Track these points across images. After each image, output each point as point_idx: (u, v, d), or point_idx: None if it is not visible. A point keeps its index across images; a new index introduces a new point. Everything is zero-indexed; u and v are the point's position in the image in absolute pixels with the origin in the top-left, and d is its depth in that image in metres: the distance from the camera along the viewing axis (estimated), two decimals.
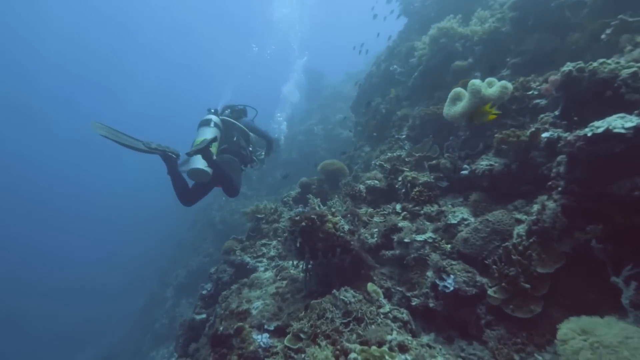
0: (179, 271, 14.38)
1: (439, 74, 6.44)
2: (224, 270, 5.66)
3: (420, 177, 4.26)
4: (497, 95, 3.81)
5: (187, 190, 4.71)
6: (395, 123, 7.17)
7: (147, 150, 4.14)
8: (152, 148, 4.21)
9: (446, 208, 3.76)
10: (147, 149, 4.17)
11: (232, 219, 13.45)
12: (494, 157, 3.59)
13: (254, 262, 5.41)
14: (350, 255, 3.57)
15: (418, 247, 3.51)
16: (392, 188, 4.76)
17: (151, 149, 4.21)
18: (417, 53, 6.84)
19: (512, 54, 5.53)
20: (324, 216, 3.69)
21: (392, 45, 9.02)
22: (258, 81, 38.04)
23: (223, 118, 4.91)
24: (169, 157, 4.38)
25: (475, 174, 3.55)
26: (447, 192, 4.12)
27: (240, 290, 4.69)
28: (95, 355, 17.10)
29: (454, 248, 3.13)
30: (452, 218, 3.47)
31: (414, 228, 3.72)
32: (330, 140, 14.22)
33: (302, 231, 3.62)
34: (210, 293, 5.63)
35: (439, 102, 6.15)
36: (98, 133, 3.83)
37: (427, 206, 3.91)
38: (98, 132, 3.83)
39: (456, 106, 4.08)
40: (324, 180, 6.91)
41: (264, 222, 6.18)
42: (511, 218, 2.95)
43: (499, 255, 2.77)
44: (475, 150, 3.85)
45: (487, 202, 3.39)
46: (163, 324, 12.89)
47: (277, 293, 4.06)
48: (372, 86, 9.32)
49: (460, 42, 6.27)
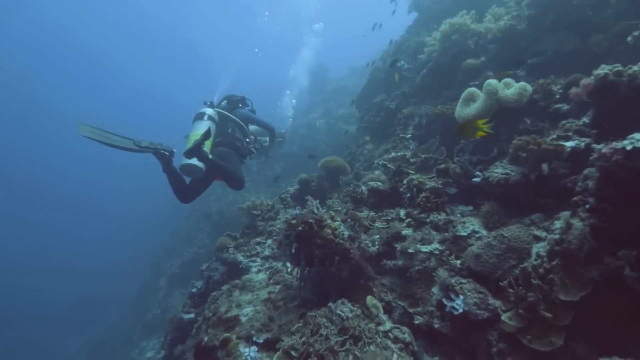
0: (173, 261, 14.13)
1: (449, 72, 6.10)
2: (215, 268, 5.37)
3: (427, 182, 3.95)
4: (515, 97, 3.50)
5: (185, 187, 4.52)
6: (400, 121, 6.84)
7: (138, 150, 3.98)
8: (143, 147, 4.00)
9: (455, 217, 3.46)
10: (137, 148, 3.97)
11: (229, 210, 13.14)
12: (510, 164, 3.28)
13: (247, 262, 5.12)
14: (349, 265, 3.27)
15: (423, 258, 3.21)
16: (396, 191, 4.46)
17: (142, 147, 3.99)
18: (427, 49, 6.49)
19: (528, 54, 5.19)
20: (323, 221, 3.38)
21: (400, 40, 8.64)
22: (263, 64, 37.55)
23: (218, 110, 4.68)
24: (162, 155, 4.17)
25: (489, 182, 3.24)
26: (456, 200, 3.81)
27: (231, 292, 4.40)
28: (86, 340, 16.92)
29: (463, 264, 2.83)
30: (461, 229, 3.16)
31: (418, 237, 3.42)
32: (332, 135, 13.88)
33: (299, 236, 3.31)
34: (201, 291, 5.35)
35: (448, 102, 5.82)
36: (82, 135, 3.61)
37: (434, 214, 3.60)
38: (82, 134, 3.61)
39: (469, 107, 3.76)
40: (324, 177, 6.60)
41: (259, 219, 5.88)
42: (529, 234, 2.65)
43: (516, 277, 2.47)
44: (489, 156, 3.54)
45: (500, 213, 3.08)
46: (155, 314, 12.67)
47: (269, 299, 3.77)
48: (378, 81, 8.96)
49: (472, 40, 5.92)
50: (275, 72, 28.01)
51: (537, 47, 5.11)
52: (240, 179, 4.46)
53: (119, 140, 3.86)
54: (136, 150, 3.99)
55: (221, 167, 4.24)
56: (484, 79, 5.54)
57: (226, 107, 5.03)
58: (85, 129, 3.64)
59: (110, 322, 17.66)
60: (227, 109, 4.98)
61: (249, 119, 5.05)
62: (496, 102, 3.54)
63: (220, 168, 4.24)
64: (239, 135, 4.77)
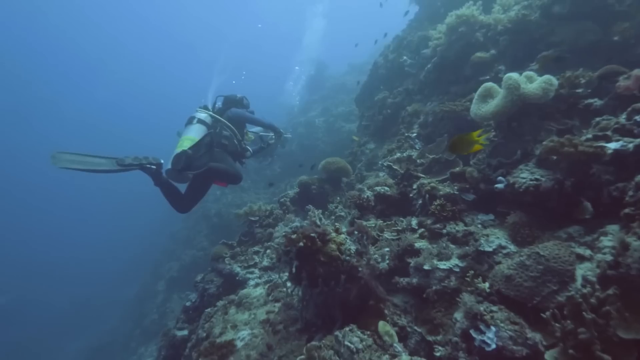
0: (172, 264, 13.71)
1: (457, 67, 5.66)
2: (210, 280, 4.95)
3: (440, 187, 3.52)
4: (540, 92, 3.06)
5: (180, 196, 4.29)
6: (404, 119, 6.41)
7: (122, 169, 3.71)
8: (127, 164, 3.71)
9: (475, 229, 3.03)
10: (121, 167, 3.68)
11: (227, 212, 12.72)
12: (538, 168, 2.85)
13: (244, 273, 4.70)
14: (357, 285, 2.85)
15: (441, 277, 2.79)
16: (405, 197, 4.03)
17: (126, 165, 3.70)
18: (432, 43, 6.04)
19: (542, 45, 4.76)
20: (327, 234, 2.96)
21: (402, 34, 8.19)
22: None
23: (209, 113, 4.52)
24: (149, 169, 3.90)
25: (515, 189, 2.81)
26: (473, 207, 3.39)
27: (227, 310, 3.99)
28: (85, 344, 16.53)
29: (492, 287, 2.40)
30: (485, 244, 2.74)
31: (434, 251, 3.00)
32: (331, 134, 13.43)
33: (300, 253, 2.89)
34: (195, 305, 4.93)
35: (456, 98, 5.40)
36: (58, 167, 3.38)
37: (451, 224, 3.18)
38: (58, 166, 3.39)
39: (487, 104, 3.33)
40: (325, 180, 6.17)
41: (257, 226, 5.45)
42: (570, 253, 2.23)
43: (559, 305, 2.05)
44: (511, 159, 3.11)
45: (530, 226, 2.66)
46: (153, 320, 12.25)
47: (268, 321, 3.35)
48: (379, 78, 8.51)
49: (481, 32, 5.48)
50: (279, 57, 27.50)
51: (553, 38, 4.68)
52: (234, 175, 4.32)
53: (99, 163, 3.62)
54: (120, 169, 3.69)
55: (213, 170, 4.06)
56: (494, 73, 5.12)
57: (220, 108, 4.86)
58: (61, 159, 3.42)
59: (109, 325, 17.28)
60: (220, 110, 4.79)
61: (244, 119, 4.81)
62: (518, 98, 3.11)
63: (212, 171, 4.06)
64: (227, 133, 4.55)
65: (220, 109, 4.87)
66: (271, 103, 23.12)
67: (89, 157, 3.63)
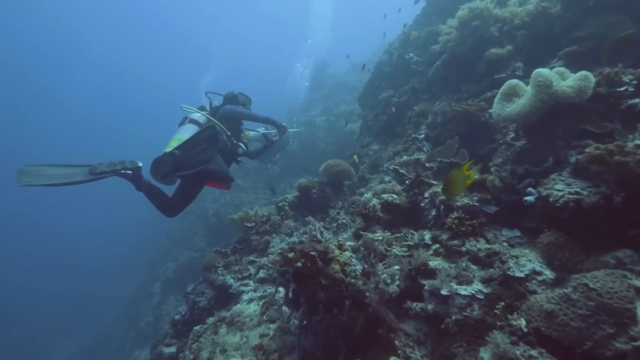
0: (168, 264, 13.29)
1: (469, 64, 5.22)
2: (202, 292, 4.54)
3: (456, 198, 3.10)
4: (576, 90, 2.63)
5: (168, 200, 3.92)
6: (411, 119, 5.98)
7: (94, 178, 3.41)
8: (99, 172, 3.40)
9: (500, 247, 2.61)
10: (94, 176, 3.38)
11: (226, 212, 12.28)
12: (575, 179, 2.43)
13: (237, 286, 4.28)
14: (364, 313, 2.43)
15: (462, 305, 2.37)
16: (415, 206, 3.61)
17: (97, 173, 3.40)
18: (442, 38, 5.60)
19: (566, 41, 4.33)
20: (329, 252, 2.54)
21: (408, 30, 7.75)
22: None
23: (201, 113, 4.32)
24: (125, 175, 3.61)
25: (549, 204, 2.39)
26: (494, 221, 2.96)
27: (217, 329, 3.58)
28: (81, 344, 16.16)
29: (529, 323, 1.98)
30: (515, 267, 2.31)
31: (452, 273, 2.58)
32: (332, 133, 12.98)
33: (297, 274, 2.48)
34: (185, 319, 4.52)
35: (468, 97, 4.97)
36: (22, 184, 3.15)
37: (471, 240, 2.76)
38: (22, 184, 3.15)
39: (513, 104, 2.90)
40: (326, 183, 5.76)
41: (253, 233, 5.04)
42: (629, 287, 1.81)
43: (618, 353, 1.64)
44: (541, 167, 2.68)
45: (570, 248, 2.23)
46: (148, 322, 11.85)
47: (261, 347, 2.94)
48: (383, 76, 8.07)
49: (496, 26, 5.04)
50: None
51: (577, 32, 4.24)
52: (220, 176, 3.97)
53: (68, 175, 3.33)
54: (92, 179, 3.39)
55: (202, 174, 3.74)
56: (511, 70, 4.69)
57: (215, 107, 4.65)
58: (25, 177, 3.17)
59: (104, 324, 16.88)
60: (215, 108, 4.59)
61: (237, 115, 4.47)
62: (549, 97, 2.68)
63: (201, 174, 3.73)
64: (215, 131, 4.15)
65: (215, 108, 4.61)
66: (275, 100, 22.76)
67: (58, 167, 3.36)
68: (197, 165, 3.49)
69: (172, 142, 3.87)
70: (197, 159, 3.52)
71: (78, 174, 3.36)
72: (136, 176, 3.62)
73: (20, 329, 20.12)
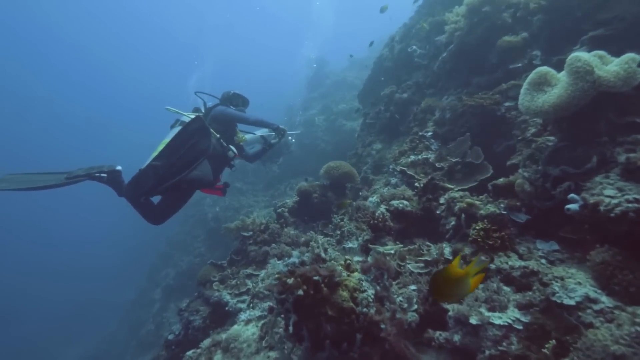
0: (168, 270, 12.91)
1: (479, 54, 4.79)
2: (196, 309, 4.13)
3: (479, 204, 2.68)
4: (622, 77, 2.21)
5: (153, 209, 3.61)
6: (416, 116, 5.55)
7: (69, 182, 3.31)
8: (73, 177, 3.28)
9: (538, 265, 2.19)
10: (68, 180, 3.28)
11: (225, 216, 11.88)
12: (628, 182, 2.00)
13: (234, 303, 3.87)
14: (380, 349, 2.02)
15: (497, 337, 1.96)
16: (429, 213, 3.19)
17: (72, 178, 3.28)
18: (448, 27, 5.16)
19: (590, 25, 3.89)
20: (334, 276, 2.12)
21: (410, 22, 7.31)
22: None
23: (188, 114, 4.01)
24: (100, 178, 3.39)
25: (599, 213, 1.96)
26: (525, 231, 2.54)
27: (211, 355, 3.18)
28: (84, 352, 15.81)
29: None
30: (562, 292, 1.89)
31: (482, 296, 2.16)
32: (332, 132, 12.54)
33: (299, 304, 2.06)
34: (179, 339, 4.12)
35: (479, 90, 4.54)
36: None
37: (501, 256, 2.34)
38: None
39: (546, 95, 2.47)
40: (328, 186, 5.33)
41: (251, 243, 4.62)
42: None
43: None
44: (582, 168, 2.26)
45: (630, 268, 1.81)
46: (149, 330, 11.47)
47: None
48: (384, 71, 7.64)
49: (509, 12, 4.61)
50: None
51: (603, 14, 3.80)
52: (201, 182, 3.57)
53: (44, 180, 3.24)
54: (67, 183, 3.29)
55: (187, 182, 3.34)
56: (527, 59, 4.26)
57: (209, 107, 4.30)
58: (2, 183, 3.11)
59: (107, 330, 16.48)
60: (208, 109, 4.25)
61: (229, 117, 4.13)
62: (590, 85, 2.25)
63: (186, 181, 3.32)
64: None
65: (208, 109, 4.28)
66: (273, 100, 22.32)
67: (38, 175, 3.31)
68: (183, 169, 3.11)
69: (160, 146, 3.50)
70: (186, 159, 3.14)
71: (54, 179, 3.26)
72: (114, 181, 3.37)
73: (23, 334, 19.78)
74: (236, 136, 4.30)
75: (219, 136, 3.88)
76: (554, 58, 3.95)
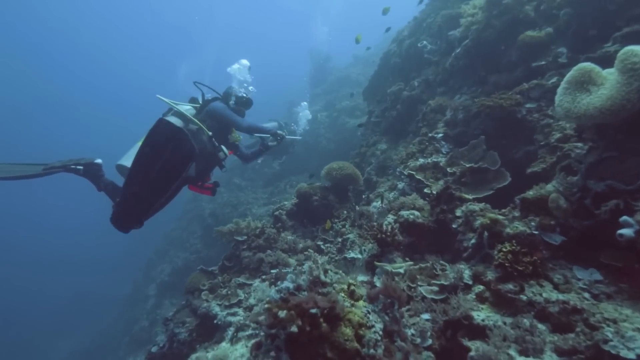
0: (164, 266, 12.56)
1: (497, 50, 4.39)
2: (183, 321, 3.77)
3: (505, 222, 2.29)
4: None
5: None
6: (426, 116, 5.17)
7: (45, 173, 3.28)
8: (49, 168, 3.26)
9: (579, 300, 1.81)
10: (45, 172, 3.26)
11: (222, 212, 11.49)
12: None
13: (224, 315, 3.51)
14: None
15: None
16: (443, 225, 2.82)
17: (48, 169, 3.26)
18: (464, 21, 4.76)
19: (623, 21, 3.49)
20: (335, 307, 1.75)
21: (420, 16, 6.89)
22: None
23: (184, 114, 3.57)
24: (77, 171, 3.32)
25: None
26: (558, 254, 2.17)
27: None
28: (77, 346, 15.56)
29: None
30: (617, 342, 1.52)
31: (511, 335, 1.79)
32: (334, 130, 12.13)
33: (292, 341, 1.69)
34: (163, 351, 3.76)
35: (496, 89, 4.14)
36: None
37: (533, 285, 1.97)
38: None
39: (591, 96, 2.08)
40: (329, 189, 4.95)
41: (245, 248, 4.25)
42: None
43: None
44: (635, 185, 1.88)
45: None
46: (143, 327, 11.14)
47: None
48: (391, 68, 7.22)
49: (531, 5, 4.21)
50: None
51: (636, 9, 3.41)
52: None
53: (21, 170, 3.23)
54: (43, 174, 3.27)
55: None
56: (552, 57, 3.86)
57: (207, 100, 3.94)
58: None
59: (103, 323, 16.21)
60: (205, 101, 3.88)
61: (221, 117, 3.77)
62: None
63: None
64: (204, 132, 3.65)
65: (206, 101, 3.89)
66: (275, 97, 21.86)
67: (17, 165, 3.28)
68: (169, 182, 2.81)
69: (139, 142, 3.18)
70: (167, 171, 2.80)
71: (32, 169, 3.26)
72: (92, 174, 3.29)
73: (17, 328, 19.52)
74: (231, 135, 3.92)
75: (211, 134, 3.50)
76: (582, 56, 3.55)
